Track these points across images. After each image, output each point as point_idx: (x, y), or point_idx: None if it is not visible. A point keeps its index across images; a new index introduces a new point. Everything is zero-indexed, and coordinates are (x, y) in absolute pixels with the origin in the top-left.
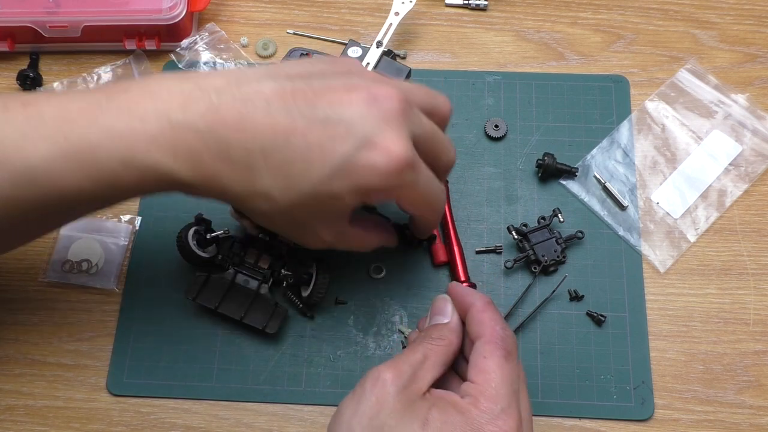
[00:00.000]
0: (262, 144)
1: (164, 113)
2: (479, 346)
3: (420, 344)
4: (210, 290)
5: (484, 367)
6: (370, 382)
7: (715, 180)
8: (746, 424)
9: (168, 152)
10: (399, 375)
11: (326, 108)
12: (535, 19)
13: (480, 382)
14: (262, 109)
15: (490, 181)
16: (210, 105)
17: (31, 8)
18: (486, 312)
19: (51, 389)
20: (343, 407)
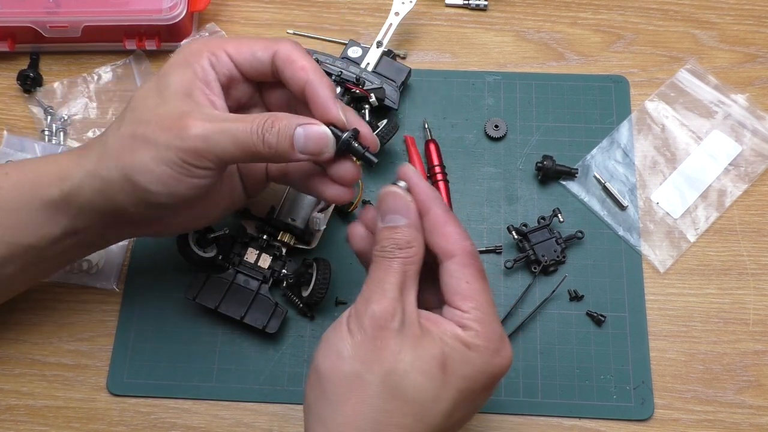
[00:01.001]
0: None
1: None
2: (455, 268)
3: (391, 259)
4: (210, 290)
5: (469, 293)
6: (369, 322)
7: (715, 180)
8: (746, 424)
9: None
10: (393, 309)
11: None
12: (535, 19)
13: (471, 311)
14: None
15: (490, 181)
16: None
17: (32, 8)
18: (450, 224)
19: (51, 389)
20: (340, 353)
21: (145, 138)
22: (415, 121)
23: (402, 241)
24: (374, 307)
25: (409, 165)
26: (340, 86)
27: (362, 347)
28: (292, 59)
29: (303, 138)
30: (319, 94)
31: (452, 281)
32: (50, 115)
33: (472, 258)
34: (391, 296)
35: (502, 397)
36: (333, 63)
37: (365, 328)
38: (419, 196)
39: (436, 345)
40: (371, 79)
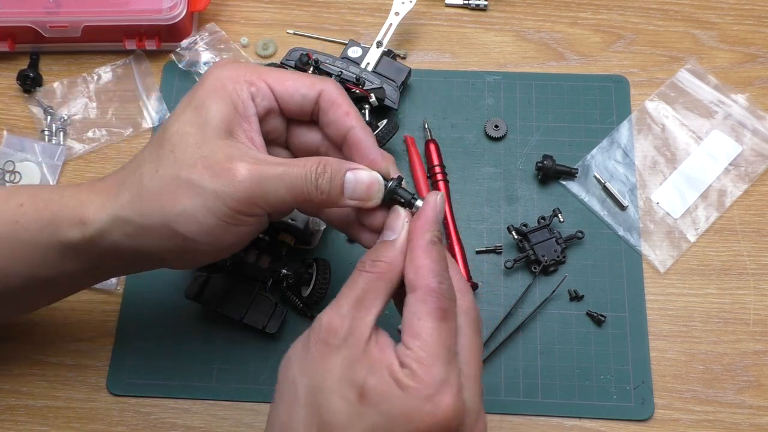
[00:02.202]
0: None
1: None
2: (412, 302)
3: (360, 272)
4: (210, 290)
5: (418, 330)
6: (314, 331)
7: (715, 180)
8: (746, 424)
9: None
10: (339, 324)
11: None
12: (535, 19)
13: (415, 349)
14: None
15: (490, 181)
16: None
17: (32, 8)
18: (426, 256)
19: (51, 389)
20: (291, 356)
21: (191, 183)
22: (415, 121)
23: (375, 254)
24: (323, 319)
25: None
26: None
27: (303, 356)
28: (338, 102)
29: (353, 184)
30: (363, 141)
31: (407, 315)
32: (50, 115)
33: (433, 296)
34: (342, 312)
35: (502, 397)
36: (333, 63)
37: (311, 338)
38: (416, 220)
39: (363, 373)
40: (371, 79)
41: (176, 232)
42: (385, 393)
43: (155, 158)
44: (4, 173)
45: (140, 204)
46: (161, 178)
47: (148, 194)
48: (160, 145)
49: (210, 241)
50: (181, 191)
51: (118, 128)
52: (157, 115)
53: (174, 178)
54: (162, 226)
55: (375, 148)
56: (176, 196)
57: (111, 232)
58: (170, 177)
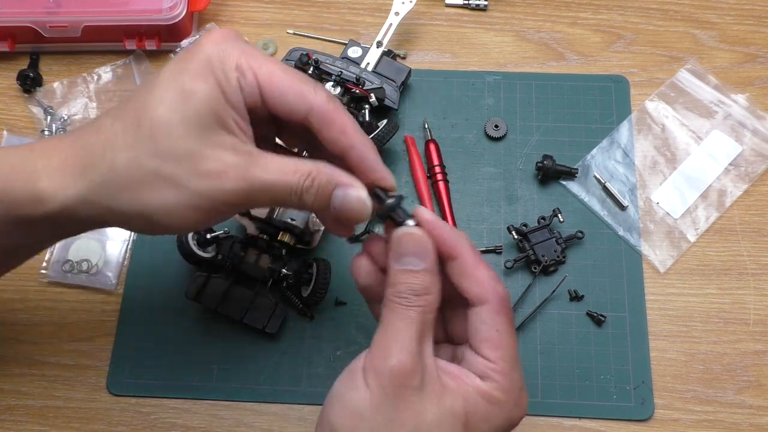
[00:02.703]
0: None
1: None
2: (487, 315)
3: (408, 307)
4: (210, 290)
5: (499, 342)
6: (390, 380)
7: (715, 180)
8: (746, 424)
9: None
10: (413, 365)
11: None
12: (535, 19)
13: (497, 361)
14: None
15: (490, 181)
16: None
17: (32, 8)
18: (481, 267)
19: (51, 389)
20: (361, 411)
21: (174, 180)
22: (415, 121)
23: (419, 288)
24: (394, 363)
25: (422, 207)
26: (340, 86)
27: (383, 407)
28: (331, 119)
29: (339, 202)
30: (366, 159)
31: (483, 328)
32: (50, 115)
33: (505, 305)
34: (411, 350)
35: None
36: (333, 63)
37: (385, 386)
38: (445, 239)
39: (458, 402)
40: (371, 79)
41: (151, 221)
42: (483, 414)
43: (132, 142)
44: None
45: (113, 190)
46: (140, 169)
47: (124, 183)
48: (137, 127)
49: (185, 230)
50: (162, 186)
51: None
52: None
53: (155, 171)
54: (136, 214)
55: (378, 163)
56: (157, 190)
57: (76, 210)
58: (151, 169)
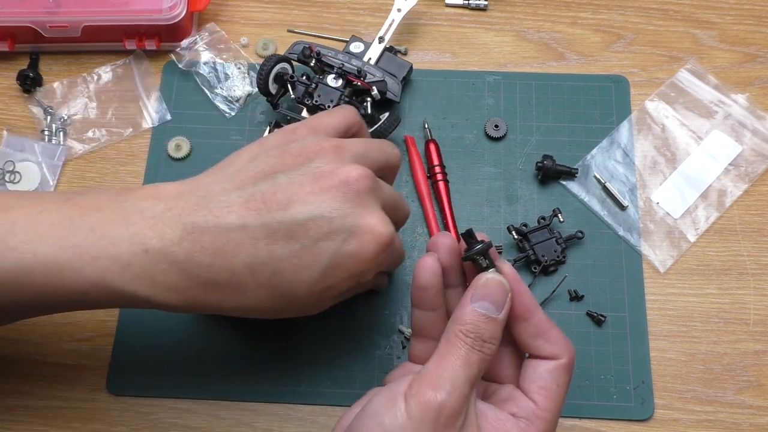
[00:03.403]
0: (246, 261)
1: (138, 240)
2: (555, 369)
3: (472, 350)
4: None
5: (555, 395)
6: (435, 415)
7: (715, 180)
8: (746, 424)
9: (144, 280)
10: (461, 408)
11: (301, 208)
12: (535, 19)
13: (546, 409)
14: (238, 227)
15: (490, 181)
16: (184, 230)
17: (31, 8)
18: (554, 328)
19: (51, 389)
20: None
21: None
22: (415, 120)
23: (488, 336)
24: (444, 399)
25: (506, 262)
26: (341, 78)
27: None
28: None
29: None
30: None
31: (546, 377)
32: (50, 115)
33: (573, 365)
34: (463, 392)
35: None
36: (335, 56)
37: (427, 420)
38: (522, 299)
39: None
40: (373, 72)
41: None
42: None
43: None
44: (4, 173)
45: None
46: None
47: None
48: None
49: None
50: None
51: (118, 128)
52: (157, 115)
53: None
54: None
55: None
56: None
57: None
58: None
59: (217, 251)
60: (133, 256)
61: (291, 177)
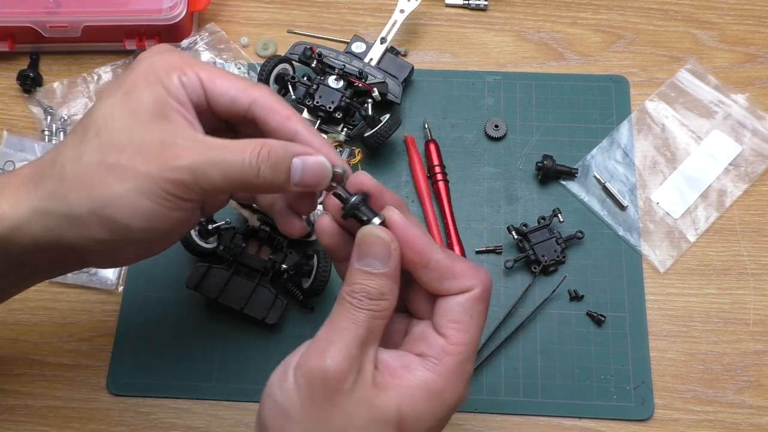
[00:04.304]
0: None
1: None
2: (467, 300)
3: (359, 309)
4: (211, 280)
5: (468, 327)
6: (321, 382)
7: (715, 180)
8: (746, 424)
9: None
10: (349, 368)
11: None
12: (535, 19)
13: (457, 344)
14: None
15: (490, 181)
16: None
17: (32, 8)
18: (457, 260)
19: (51, 389)
20: (288, 408)
21: (122, 167)
22: (415, 120)
23: (375, 292)
24: (329, 365)
25: (393, 208)
26: (342, 80)
27: (312, 409)
28: (275, 108)
29: (300, 170)
30: (314, 143)
31: (458, 310)
32: (50, 115)
33: (488, 292)
34: (351, 353)
35: (502, 397)
36: (336, 57)
37: (314, 388)
38: (414, 245)
39: (392, 404)
40: (374, 73)
41: (106, 219)
42: (421, 411)
43: (77, 144)
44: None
45: (63, 193)
46: (86, 164)
47: (73, 182)
48: (83, 131)
49: (142, 227)
50: (110, 175)
51: None
52: None
53: (101, 163)
54: (89, 214)
55: (327, 147)
56: (105, 181)
57: (30, 225)
58: (96, 162)
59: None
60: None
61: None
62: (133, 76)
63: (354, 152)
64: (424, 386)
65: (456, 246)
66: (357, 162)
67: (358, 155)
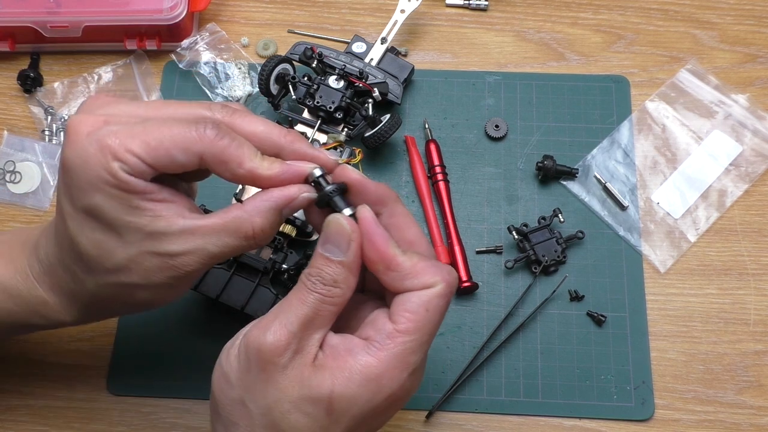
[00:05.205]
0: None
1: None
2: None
3: (310, 291)
4: (211, 280)
5: (422, 320)
6: (257, 350)
7: (716, 180)
8: (746, 424)
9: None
10: (286, 344)
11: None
12: (535, 20)
13: (406, 333)
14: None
15: (491, 181)
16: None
17: (32, 8)
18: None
19: (52, 389)
20: (228, 374)
21: (138, 284)
22: (415, 120)
23: (328, 278)
24: (266, 339)
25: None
26: (343, 80)
27: (247, 377)
28: (223, 160)
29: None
30: (278, 179)
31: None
32: (50, 115)
33: (451, 291)
34: (291, 330)
35: (502, 397)
36: (337, 57)
37: (251, 359)
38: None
39: (325, 384)
40: (375, 73)
41: (148, 308)
42: (353, 395)
43: (86, 270)
44: (5, 173)
45: (100, 305)
46: (107, 286)
47: (104, 299)
48: (80, 259)
49: (168, 300)
50: (133, 290)
51: None
52: None
53: (119, 284)
54: (130, 309)
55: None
56: (131, 294)
57: (77, 321)
58: (115, 284)
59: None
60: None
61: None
62: (79, 193)
63: (354, 152)
64: (361, 370)
65: (456, 246)
66: (357, 162)
67: (358, 155)
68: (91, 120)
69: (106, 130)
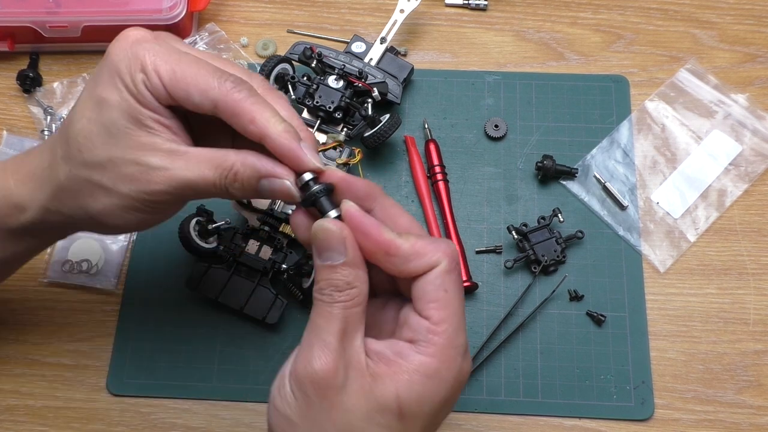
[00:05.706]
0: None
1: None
2: (436, 276)
3: (331, 304)
4: (211, 281)
5: (447, 302)
6: (310, 381)
7: (715, 180)
8: (746, 424)
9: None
10: (335, 365)
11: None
12: (535, 19)
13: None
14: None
15: (490, 181)
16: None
17: (32, 8)
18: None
19: (51, 389)
20: (290, 416)
21: (104, 187)
22: (415, 120)
23: (341, 282)
24: (315, 367)
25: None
26: (342, 80)
27: (310, 411)
28: (236, 113)
29: (267, 190)
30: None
31: (430, 288)
32: (50, 115)
33: (456, 263)
34: (332, 349)
35: (502, 397)
36: (336, 57)
37: (308, 392)
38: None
39: (390, 391)
40: (374, 73)
41: (99, 223)
42: (420, 396)
43: (65, 156)
44: None
45: (62, 200)
46: (75, 179)
47: (68, 193)
48: (66, 142)
49: (133, 226)
50: (96, 192)
51: None
52: None
53: (87, 181)
54: (87, 217)
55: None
56: (93, 197)
57: (46, 220)
58: (83, 179)
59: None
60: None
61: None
62: (102, 83)
63: (354, 152)
64: (419, 370)
65: (456, 246)
66: (357, 162)
67: (358, 155)
68: (143, 33)
69: (148, 45)
